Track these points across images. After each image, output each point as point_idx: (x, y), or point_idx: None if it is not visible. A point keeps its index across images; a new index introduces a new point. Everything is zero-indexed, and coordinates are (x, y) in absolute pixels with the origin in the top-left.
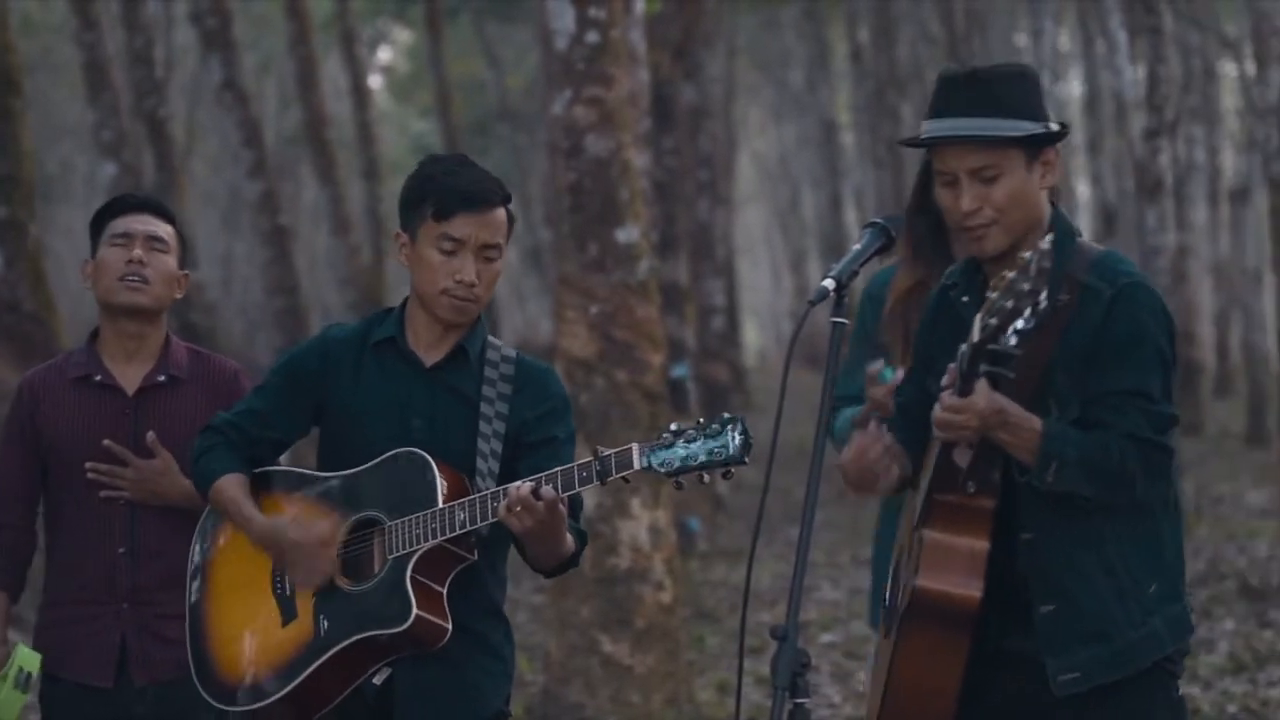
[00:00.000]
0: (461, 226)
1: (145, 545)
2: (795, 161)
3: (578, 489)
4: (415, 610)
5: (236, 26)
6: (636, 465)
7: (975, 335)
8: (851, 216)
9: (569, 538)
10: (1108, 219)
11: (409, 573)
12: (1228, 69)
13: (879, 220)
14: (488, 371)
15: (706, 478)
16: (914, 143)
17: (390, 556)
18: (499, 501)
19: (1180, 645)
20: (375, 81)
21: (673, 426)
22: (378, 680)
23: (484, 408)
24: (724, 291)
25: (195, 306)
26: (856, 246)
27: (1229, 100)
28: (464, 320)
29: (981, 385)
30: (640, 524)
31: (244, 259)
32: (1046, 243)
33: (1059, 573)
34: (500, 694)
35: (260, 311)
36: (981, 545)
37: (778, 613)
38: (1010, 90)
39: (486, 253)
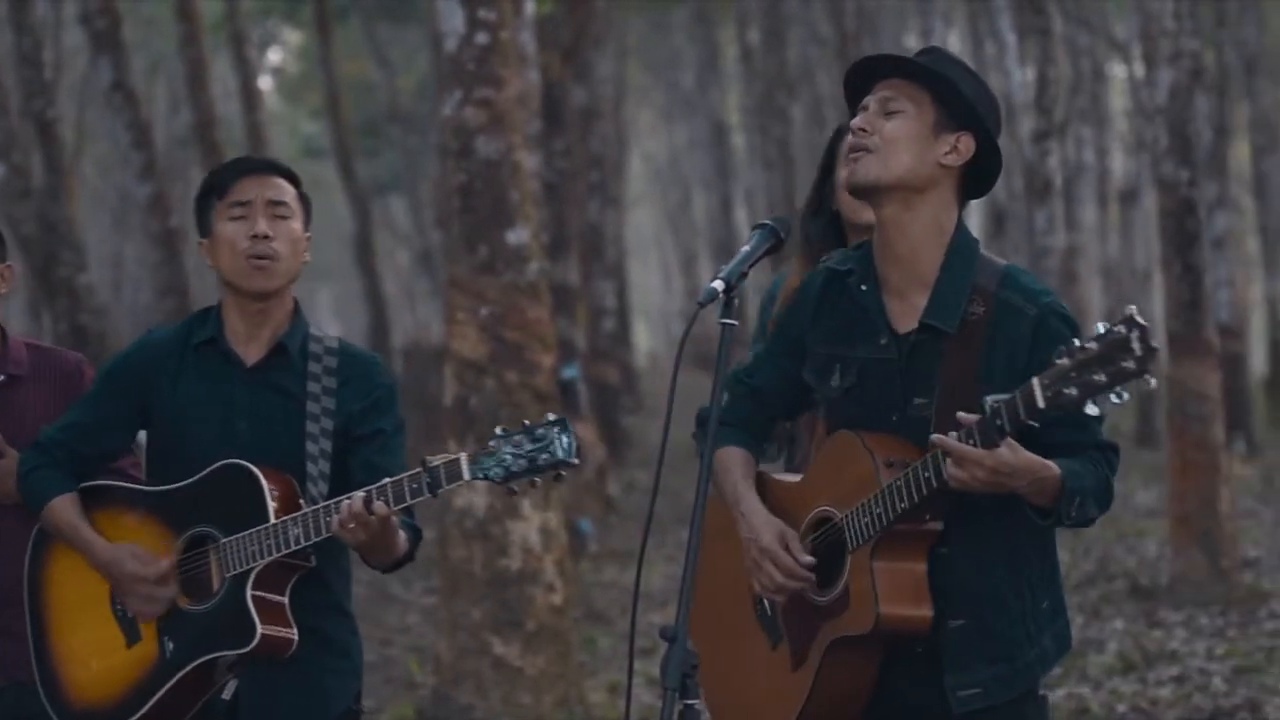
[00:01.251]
0: (244, 190)
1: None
2: (686, 163)
3: (409, 501)
4: (260, 630)
5: (126, 28)
6: (466, 476)
7: (1040, 402)
8: (742, 218)
9: (402, 538)
10: (998, 220)
11: (249, 590)
12: (1117, 70)
13: (768, 221)
14: (311, 366)
15: (539, 481)
16: (853, 70)
17: (227, 575)
18: (331, 516)
19: (1061, 659)
20: (265, 83)
21: (499, 431)
22: (226, 695)
23: (310, 405)
24: (615, 293)
25: (85, 309)
26: (746, 248)
27: (1118, 102)
28: (271, 285)
29: (1011, 444)
30: (531, 526)
31: (134, 261)
32: (1140, 318)
33: (975, 589)
34: (348, 692)
35: (150, 314)
36: (922, 569)
37: (669, 614)
38: (956, 68)
39: (276, 210)
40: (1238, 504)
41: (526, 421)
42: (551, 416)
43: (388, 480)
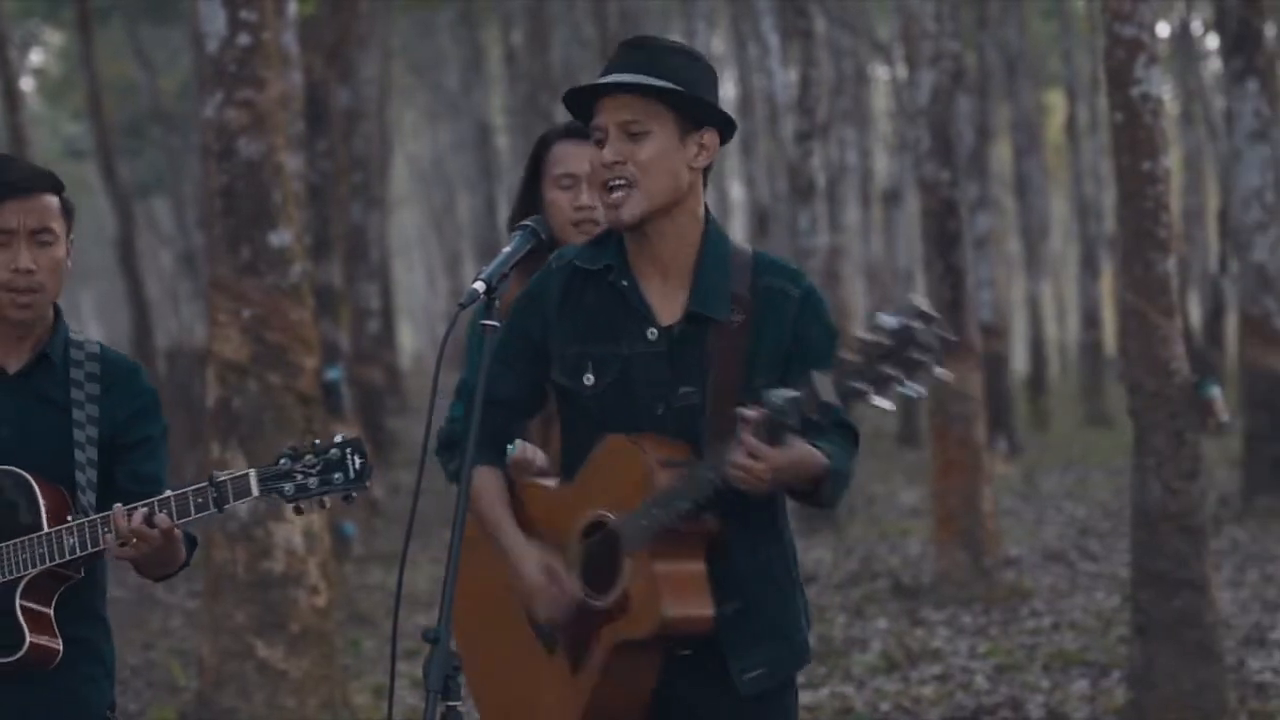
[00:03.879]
0: (6, 217)
1: None
2: (450, 164)
3: (194, 516)
4: (29, 639)
5: None
6: (255, 493)
7: (827, 396)
8: (506, 219)
9: (181, 550)
10: (761, 220)
11: (18, 600)
12: (879, 72)
13: (529, 223)
14: (74, 373)
15: (327, 502)
16: (572, 93)
17: None
18: (109, 526)
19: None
20: (27, 84)
21: (288, 450)
22: None
23: (75, 414)
24: (379, 294)
25: None
26: (507, 249)
27: (880, 103)
28: (34, 315)
29: (794, 440)
30: (294, 528)
31: None
32: (930, 309)
33: (744, 572)
34: (104, 699)
35: None
36: (701, 568)
37: (434, 616)
38: (677, 61)
39: (40, 237)
40: (999, 503)
41: (317, 440)
42: (340, 437)
43: (170, 494)
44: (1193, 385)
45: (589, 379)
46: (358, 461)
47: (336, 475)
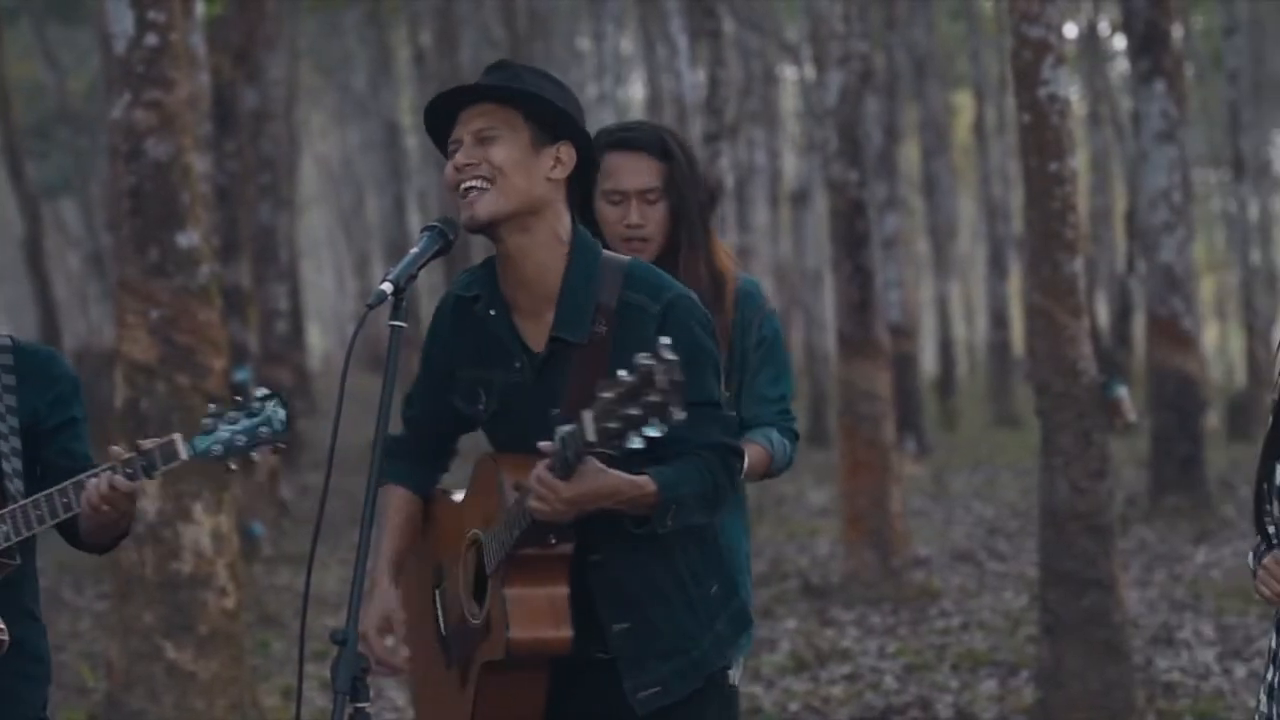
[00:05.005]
0: None
1: None
2: (359, 164)
3: (128, 486)
4: None
5: None
6: (183, 455)
7: (590, 435)
8: (415, 220)
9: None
10: None
11: None
12: (787, 73)
13: (436, 223)
14: None
15: (257, 456)
16: (433, 105)
17: None
18: (40, 509)
19: (742, 638)
20: None
21: (211, 408)
22: None
23: None
24: (287, 295)
25: None
26: (415, 249)
27: (789, 103)
28: None
29: (588, 469)
30: (203, 529)
31: None
32: (669, 353)
33: (632, 590)
34: (39, 698)
35: None
36: (562, 591)
37: (343, 617)
38: (535, 78)
39: None
40: (908, 503)
41: (238, 397)
42: (263, 391)
43: (104, 465)
44: (1100, 385)
45: (481, 405)
46: (281, 412)
47: (262, 428)
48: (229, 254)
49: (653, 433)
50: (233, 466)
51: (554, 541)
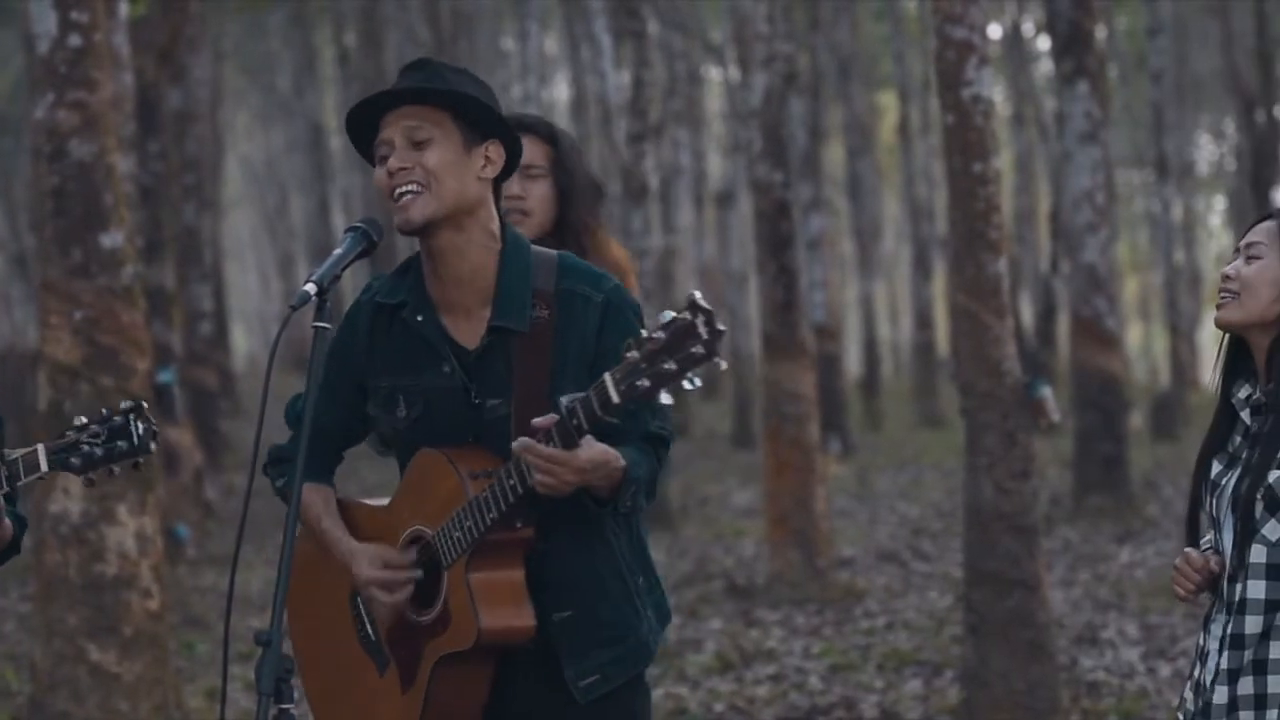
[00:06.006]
0: None
1: None
2: (283, 165)
3: None
4: None
5: None
6: (44, 467)
7: (614, 397)
8: (339, 220)
9: (8, 525)
10: None
11: None
12: (712, 73)
13: (360, 224)
14: None
15: (116, 470)
16: (356, 110)
17: None
18: None
19: (664, 630)
20: None
21: (77, 422)
22: None
23: None
24: (212, 296)
25: None
26: (338, 250)
27: (713, 104)
28: None
29: (589, 441)
30: (127, 530)
31: None
32: (703, 300)
33: (575, 580)
34: None
35: None
36: (519, 574)
37: (268, 618)
38: (456, 76)
39: None
40: (833, 503)
41: (105, 410)
42: (126, 404)
43: None
44: (1024, 385)
45: (401, 412)
46: (141, 427)
47: (121, 443)
48: (153, 255)
49: (690, 386)
50: (92, 479)
51: (519, 526)
